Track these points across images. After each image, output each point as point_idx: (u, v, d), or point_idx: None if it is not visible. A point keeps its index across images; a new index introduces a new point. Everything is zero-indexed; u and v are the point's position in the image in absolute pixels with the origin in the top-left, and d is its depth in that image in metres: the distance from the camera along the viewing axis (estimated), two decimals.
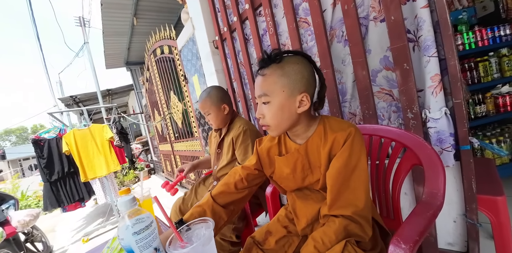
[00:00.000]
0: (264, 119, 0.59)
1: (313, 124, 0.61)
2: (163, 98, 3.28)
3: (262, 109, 0.58)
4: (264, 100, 0.57)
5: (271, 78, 0.55)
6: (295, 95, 0.55)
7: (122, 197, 0.45)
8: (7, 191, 3.73)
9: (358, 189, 0.54)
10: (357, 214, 0.53)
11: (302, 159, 0.62)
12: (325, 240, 0.51)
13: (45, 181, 2.41)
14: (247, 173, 0.71)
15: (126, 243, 0.42)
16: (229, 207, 0.68)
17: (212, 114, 1.10)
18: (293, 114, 0.57)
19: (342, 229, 0.51)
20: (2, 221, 1.60)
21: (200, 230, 0.48)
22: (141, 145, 5.99)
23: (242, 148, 1.04)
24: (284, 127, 0.59)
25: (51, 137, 2.51)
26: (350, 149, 0.55)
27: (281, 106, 0.55)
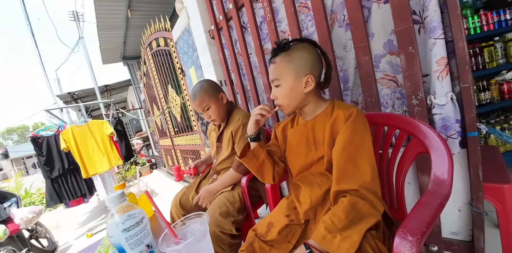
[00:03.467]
0: (277, 100, 0.69)
1: (322, 105, 0.68)
2: (161, 93, 3.23)
3: (275, 92, 0.68)
4: (276, 84, 0.66)
5: (280, 65, 0.64)
6: (301, 78, 0.63)
7: (111, 193, 0.42)
8: (10, 189, 3.75)
9: (364, 164, 0.55)
10: (365, 187, 0.52)
11: (307, 132, 0.68)
12: (335, 220, 0.49)
13: (46, 178, 2.40)
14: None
15: (116, 241, 0.39)
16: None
17: (212, 107, 1.05)
18: (301, 94, 0.65)
19: (351, 208, 0.50)
20: (4, 219, 1.60)
21: (196, 225, 0.46)
22: (142, 140, 5.97)
23: (242, 141, 1.01)
24: (294, 105, 0.67)
25: (49, 134, 2.48)
26: (353, 126, 0.58)
27: (289, 87, 0.64)
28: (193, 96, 1.06)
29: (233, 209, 0.91)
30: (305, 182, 0.68)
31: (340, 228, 0.48)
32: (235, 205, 0.93)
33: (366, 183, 0.53)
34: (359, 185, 0.53)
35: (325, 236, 0.48)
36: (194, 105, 1.06)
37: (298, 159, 0.71)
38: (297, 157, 0.72)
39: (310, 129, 0.68)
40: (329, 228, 0.49)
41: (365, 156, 0.56)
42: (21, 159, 23.33)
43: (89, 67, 4.19)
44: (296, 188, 0.70)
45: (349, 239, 0.46)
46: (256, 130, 0.77)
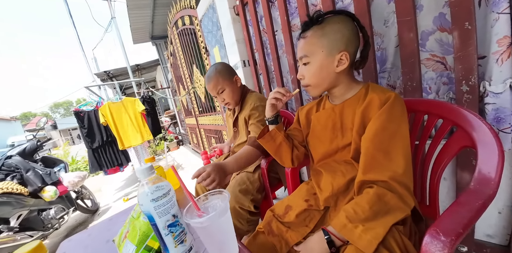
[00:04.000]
0: (304, 80, 0.63)
1: (354, 87, 0.61)
2: (187, 73, 3.27)
3: (302, 70, 0.62)
4: (304, 61, 0.60)
5: (311, 39, 0.57)
6: (334, 55, 0.56)
7: (141, 166, 0.44)
8: (59, 156, 4.29)
9: (397, 155, 0.49)
10: (395, 179, 0.48)
11: (334, 117, 0.63)
12: (358, 210, 0.47)
13: (88, 148, 2.68)
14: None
15: (146, 209, 0.42)
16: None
17: (227, 89, 1.03)
18: (331, 73, 0.58)
19: (377, 199, 0.47)
20: (55, 181, 1.84)
21: (217, 201, 0.47)
22: (169, 118, 6.28)
23: (254, 124, 0.98)
24: (323, 86, 0.61)
25: (89, 109, 2.70)
26: (389, 112, 0.52)
27: (319, 65, 0.58)
28: (208, 79, 1.04)
29: (253, 188, 0.94)
30: (327, 168, 0.65)
31: (362, 218, 0.45)
32: (254, 184, 0.95)
33: (398, 175, 0.48)
34: (389, 176, 0.48)
35: (346, 225, 0.46)
36: (209, 87, 1.04)
37: (322, 145, 0.67)
38: (320, 142, 0.68)
39: (338, 113, 0.62)
40: (350, 217, 0.46)
41: (399, 145, 0.50)
42: (67, 130, 26.27)
43: (121, 46, 4.34)
44: (317, 174, 0.68)
45: (372, 231, 0.43)
46: (274, 113, 0.74)
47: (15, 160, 1.81)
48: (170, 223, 0.43)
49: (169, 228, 0.43)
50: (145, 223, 0.52)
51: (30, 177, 1.74)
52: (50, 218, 1.78)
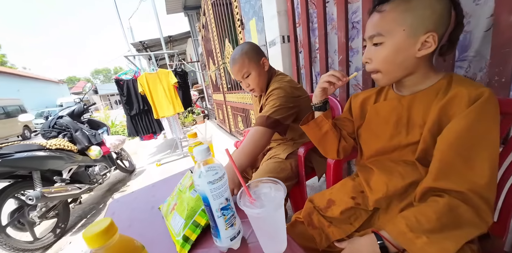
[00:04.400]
0: (371, 64, 0.51)
1: (431, 77, 0.50)
2: (218, 47, 3.15)
3: (371, 52, 0.50)
4: (376, 41, 0.48)
5: (391, 15, 0.46)
6: (418, 35, 0.44)
7: (199, 146, 0.41)
8: (100, 119, 4.65)
9: (482, 164, 0.40)
10: (475, 191, 0.39)
11: (400, 110, 0.52)
12: (421, 220, 0.40)
13: (127, 115, 2.84)
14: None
15: (202, 190, 0.40)
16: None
17: (253, 73, 0.91)
18: (409, 58, 0.47)
19: (447, 210, 0.39)
20: (99, 142, 2.01)
21: (269, 190, 0.44)
22: (197, 92, 6.37)
23: (270, 102, 0.85)
24: (396, 73, 0.50)
25: (128, 78, 2.79)
26: (480, 111, 0.41)
27: (396, 48, 0.46)
28: (233, 61, 0.92)
29: (284, 175, 0.88)
30: (380, 167, 0.58)
31: (426, 229, 0.39)
32: (285, 172, 0.90)
33: (479, 186, 0.39)
34: (468, 187, 0.40)
35: (405, 234, 0.40)
36: (234, 71, 0.93)
37: (377, 140, 0.58)
38: (376, 137, 0.59)
39: (405, 106, 0.52)
40: (411, 226, 0.40)
41: (486, 153, 0.40)
42: (106, 95, 28.26)
43: (155, 16, 4.26)
44: (366, 171, 0.61)
45: (438, 246, 0.37)
46: (323, 98, 0.64)
47: (66, 120, 1.98)
48: (223, 206, 0.42)
49: (222, 211, 0.42)
50: (193, 198, 0.52)
51: (78, 136, 1.91)
52: (95, 174, 1.99)
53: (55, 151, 1.67)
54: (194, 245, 0.47)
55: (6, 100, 9.14)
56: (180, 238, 0.47)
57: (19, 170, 1.46)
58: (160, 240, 0.53)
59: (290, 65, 1.63)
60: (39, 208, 1.44)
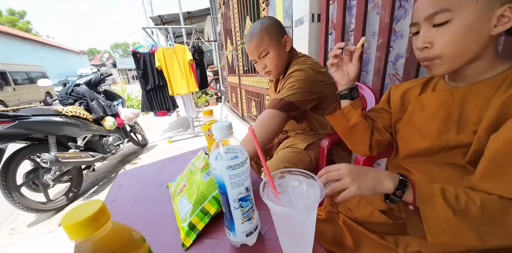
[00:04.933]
0: (432, 49, 0.40)
1: (497, 66, 0.40)
2: (238, 26, 2.94)
3: (432, 34, 0.40)
4: (439, 21, 0.38)
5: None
6: (494, 8, 0.36)
7: (220, 122, 0.32)
8: (117, 91, 4.66)
9: None
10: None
11: (451, 104, 0.44)
12: (462, 198, 0.33)
13: (143, 89, 2.79)
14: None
15: (219, 175, 0.33)
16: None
17: (271, 53, 0.77)
18: (483, 38, 0.37)
19: (497, 207, 0.32)
20: (114, 113, 1.98)
21: (298, 184, 0.35)
22: (212, 73, 6.22)
23: (287, 84, 0.73)
24: (462, 58, 0.39)
25: (145, 51, 2.69)
26: None
27: (469, 24, 0.36)
28: (250, 36, 0.77)
29: (300, 167, 0.78)
30: (421, 170, 0.48)
31: (460, 208, 0.32)
32: (303, 163, 0.80)
33: None
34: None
35: (434, 196, 0.34)
36: (250, 48, 0.79)
37: (421, 138, 0.48)
38: (419, 135, 0.48)
39: (458, 99, 0.43)
40: (447, 196, 0.34)
41: None
42: (124, 70, 28.44)
43: None
44: (402, 172, 0.51)
45: (456, 228, 0.31)
46: (345, 82, 0.55)
47: (82, 88, 1.94)
48: (242, 196, 0.34)
49: (240, 202, 0.34)
50: (204, 183, 0.44)
51: (94, 105, 1.89)
52: (109, 144, 1.99)
53: (70, 117, 1.65)
54: (200, 234, 0.41)
55: (30, 67, 9.35)
56: (185, 225, 0.40)
57: (35, 133, 1.45)
58: (166, 222, 0.47)
59: (317, 49, 1.47)
60: (53, 171, 1.46)
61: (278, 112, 0.67)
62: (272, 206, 0.30)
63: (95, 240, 0.20)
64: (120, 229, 0.23)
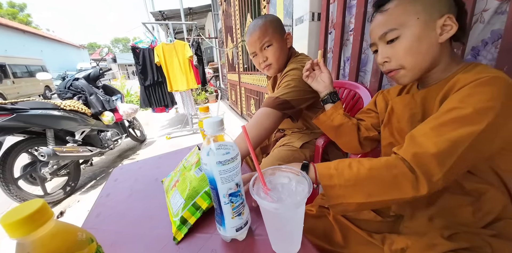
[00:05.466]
0: (391, 63, 0.45)
1: (452, 68, 0.44)
2: (238, 23, 2.93)
3: (388, 50, 0.44)
4: (391, 37, 0.43)
5: (399, 8, 0.42)
6: (435, 20, 0.40)
7: (211, 118, 0.33)
8: (117, 87, 4.64)
9: (445, 137, 0.34)
10: (418, 157, 0.34)
11: (414, 106, 0.48)
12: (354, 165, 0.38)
13: (141, 85, 2.78)
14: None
15: (209, 170, 0.33)
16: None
17: (274, 45, 0.76)
18: (434, 45, 0.41)
19: (384, 166, 0.36)
20: (112, 108, 1.97)
21: (287, 181, 0.36)
22: (212, 70, 6.19)
23: (283, 83, 0.73)
24: (422, 65, 0.43)
25: (144, 47, 2.67)
26: (470, 90, 0.35)
27: (417, 36, 0.41)
28: (253, 27, 0.76)
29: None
30: None
31: (350, 175, 0.37)
32: (299, 161, 0.79)
33: (424, 155, 0.34)
34: (413, 152, 0.35)
35: (329, 169, 0.40)
36: (252, 39, 0.77)
37: (399, 137, 0.51)
38: (391, 135, 0.52)
39: (419, 102, 0.47)
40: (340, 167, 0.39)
41: (458, 132, 0.33)
42: (124, 65, 28.27)
43: None
44: None
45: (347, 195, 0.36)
46: (322, 88, 0.65)
47: (81, 82, 1.93)
48: (232, 192, 0.34)
49: (230, 197, 0.34)
50: (196, 178, 0.45)
51: (92, 100, 1.88)
52: (107, 139, 1.99)
53: (69, 112, 1.65)
54: (192, 228, 0.41)
55: (29, 60, 9.28)
56: (177, 219, 0.41)
57: (33, 126, 1.45)
58: (158, 216, 0.47)
59: (316, 48, 1.46)
60: (50, 165, 1.46)
61: (273, 110, 0.67)
62: (261, 202, 0.30)
63: (34, 239, 0.20)
64: (64, 229, 0.23)
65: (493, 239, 0.36)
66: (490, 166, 0.39)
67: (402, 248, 0.40)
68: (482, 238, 0.37)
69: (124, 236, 0.43)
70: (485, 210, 0.39)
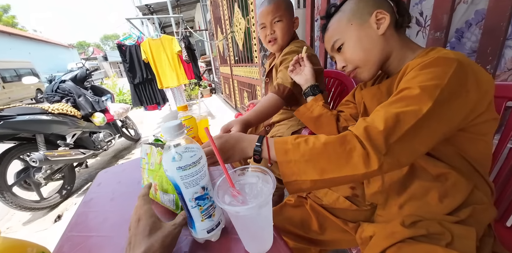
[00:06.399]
0: (347, 66, 0.51)
1: (408, 56, 0.46)
2: (227, 13, 2.84)
3: (340, 57, 0.51)
4: (338, 45, 0.50)
5: (335, 24, 0.50)
6: (367, 20, 0.46)
7: (169, 122, 0.32)
8: (108, 86, 4.58)
9: (391, 112, 0.34)
10: (367, 132, 0.33)
11: (381, 96, 0.49)
12: (311, 140, 0.36)
13: (130, 83, 2.73)
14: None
15: (171, 176, 0.32)
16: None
17: (284, 21, 0.81)
18: (376, 39, 0.46)
19: (338, 141, 0.34)
20: (103, 109, 1.95)
21: (256, 181, 0.35)
22: (205, 63, 6.08)
23: (282, 71, 0.78)
24: (373, 59, 0.47)
25: (131, 43, 2.60)
26: (418, 71, 0.36)
27: (357, 38, 0.47)
28: (269, 1, 0.81)
29: None
30: None
31: (305, 149, 0.35)
32: None
33: (373, 128, 0.33)
34: (363, 128, 0.34)
35: (286, 143, 0.37)
36: (266, 9, 0.80)
37: None
38: None
39: (384, 91, 0.48)
40: (297, 142, 0.37)
41: (405, 109, 0.33)
42: (116, 63, 27.75)
43: None
44: None
45: (301, 171, 0.34)
46: (304, 81, 0.68)
47: (68, 84, 1.90)
48: (199, 195, 0.34)
49: (197, 201, 0.34)
50: None
51: (81, 102, 1.85)
52: (99, 140, 1.98)
53: (57, 115, 1.63)
54: None
55: (18, 63, 9.09)
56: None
57: (22, 133, 1.44)
58: None
59: (303, 36, 1.42)
60: (44, 170, 1.46)
61: (281, 101, 0.74)
62: (222, 206, 0.30)
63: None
64: (12, 245, 0.22)
65: (456, 226, 0.37)
66: (457, 151, 0.39)
67: (370, 236, 0.41)
68: (444, 225, 0.37)
69: (104, 240, 0.43)
70: (450, 195, 0.39)
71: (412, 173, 0.43)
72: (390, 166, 0.32)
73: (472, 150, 0.39)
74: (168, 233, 0.32)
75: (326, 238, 0.50)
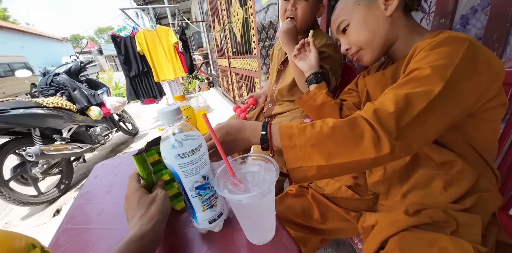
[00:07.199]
0: (351, 48, 0.49)
1: (416, 40, 0.44)
2: (224, 3, 2.75)
3: (344, 39, 0.50)
4: (343, 26, 0.49)
5: (341, 4, 0.49)
6: (375, 0, 0.44)
7: (165, 107, 0.30)
8: (104, 80, 4.50)
9: (402, 93, 0.32)
10: (378, 114, 0.32)
11: (386, 82, 0.48)
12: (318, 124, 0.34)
13: (126, 76, 2.68)
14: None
15: (169, 164, 0.31)
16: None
17: (308, 2, 0.74)
18: (382, 20, 0.44)
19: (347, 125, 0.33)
20: (99, 102, 1.92)
21: (258, 170, 0.34)
22: (202, 56, 5.97)
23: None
24: (378, 41, 0.46)
25: (126, 35, 2.53)
26: (428, 51, 0.34)
27: (363, 19, 0.46)
28: None
29: None
30: None
31: (312, 133, 0.33)
32: None
33: (383, 110, 0.32)
34: (373, 110, 0.32)
35: (291, 128, 0.35)
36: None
37: None
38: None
39: (389, 77, 0.47)
40: (302, 126, 0.35)
41: (416, 90, 0.32)
42: (112, 56, 27.23)
43: None
44: None
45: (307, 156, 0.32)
46: (307, 68, 0.65)
47: (62, 77, 1.85)
48: (199, 185, 0.33)
49: (198, 191, 0.33)
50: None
51: (77, 95, 1.81)
52: (96, 134, 1.96)
53: (52, 109, 1.59)
54: (170, 221, 0.40)
55: (11, 57, 8.88)
56: None
57: (17, 127, 1.41)
58: None
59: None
60: (40, 164, 1.45)
61: None
62: (225, 194, 0.28)
63: None
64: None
65: (461, 214, 0.36)
66: (464, 139, 0.38)
67: (373, 225, 0.40)
68: (449, 213, 0.36)
69: (101, 232, 0.42)
70: (455, 184, 0.38)
71: (415, 161, 0.42)
72: (401, 151, 0.31)
73: (479, 137, 0.38)
74: (157, 198, 0.34)
75: (328, 227, 0.50)
